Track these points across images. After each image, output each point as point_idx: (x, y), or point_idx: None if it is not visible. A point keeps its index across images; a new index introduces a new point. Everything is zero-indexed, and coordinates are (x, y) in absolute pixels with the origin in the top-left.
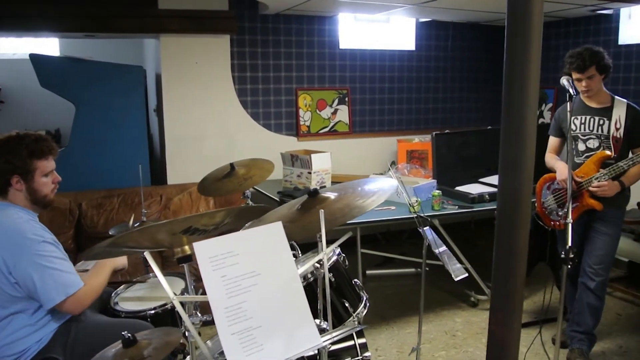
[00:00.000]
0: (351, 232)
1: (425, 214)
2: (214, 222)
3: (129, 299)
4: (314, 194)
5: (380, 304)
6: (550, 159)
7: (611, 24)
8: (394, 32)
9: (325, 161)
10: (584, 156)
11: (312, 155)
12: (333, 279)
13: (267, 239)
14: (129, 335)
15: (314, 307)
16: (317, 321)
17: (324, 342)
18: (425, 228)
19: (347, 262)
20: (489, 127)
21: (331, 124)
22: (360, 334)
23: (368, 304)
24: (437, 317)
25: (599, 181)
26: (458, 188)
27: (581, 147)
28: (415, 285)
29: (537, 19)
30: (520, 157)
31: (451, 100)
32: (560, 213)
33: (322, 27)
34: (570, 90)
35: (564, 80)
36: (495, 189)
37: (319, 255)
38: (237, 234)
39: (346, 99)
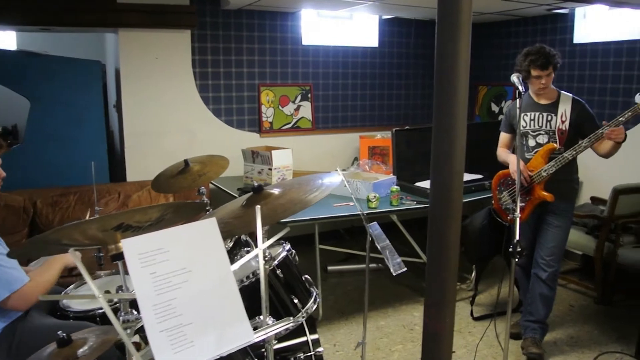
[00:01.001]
0: (289, 228)
1: (384, 210)
2: (149, 218)
3: (79, 297)
4: (258, 190)
5: (341, 299)
6: (502, 152)
7: (567, 23)
8: (357, 29)
9: (286, 157)
10: (533, 152)
11: (273, 152)
12: (282, 275)
13: (200, 235)
14: (64, 334)
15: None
16: (262, 317)
17: (257, 337)
18: (371, 224)
19: (297, 258)
20: None
21: (294, 120)
22: (313, 330)
23: (318, 300)
24: (395, 312)
25: (547, 173)
26: (418, 184)
27: (531, 142)
28: (375, 280)
29: (465, 16)
30: (450, 151)
31: (413, 97)
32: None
33: (284, 23)
34: (520, 87)
35: (514, 77)
36: None
37: (254, 251)
38: (168, 230)
39: (309, 95)
